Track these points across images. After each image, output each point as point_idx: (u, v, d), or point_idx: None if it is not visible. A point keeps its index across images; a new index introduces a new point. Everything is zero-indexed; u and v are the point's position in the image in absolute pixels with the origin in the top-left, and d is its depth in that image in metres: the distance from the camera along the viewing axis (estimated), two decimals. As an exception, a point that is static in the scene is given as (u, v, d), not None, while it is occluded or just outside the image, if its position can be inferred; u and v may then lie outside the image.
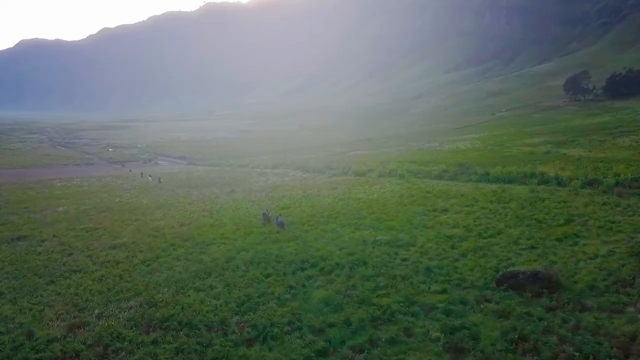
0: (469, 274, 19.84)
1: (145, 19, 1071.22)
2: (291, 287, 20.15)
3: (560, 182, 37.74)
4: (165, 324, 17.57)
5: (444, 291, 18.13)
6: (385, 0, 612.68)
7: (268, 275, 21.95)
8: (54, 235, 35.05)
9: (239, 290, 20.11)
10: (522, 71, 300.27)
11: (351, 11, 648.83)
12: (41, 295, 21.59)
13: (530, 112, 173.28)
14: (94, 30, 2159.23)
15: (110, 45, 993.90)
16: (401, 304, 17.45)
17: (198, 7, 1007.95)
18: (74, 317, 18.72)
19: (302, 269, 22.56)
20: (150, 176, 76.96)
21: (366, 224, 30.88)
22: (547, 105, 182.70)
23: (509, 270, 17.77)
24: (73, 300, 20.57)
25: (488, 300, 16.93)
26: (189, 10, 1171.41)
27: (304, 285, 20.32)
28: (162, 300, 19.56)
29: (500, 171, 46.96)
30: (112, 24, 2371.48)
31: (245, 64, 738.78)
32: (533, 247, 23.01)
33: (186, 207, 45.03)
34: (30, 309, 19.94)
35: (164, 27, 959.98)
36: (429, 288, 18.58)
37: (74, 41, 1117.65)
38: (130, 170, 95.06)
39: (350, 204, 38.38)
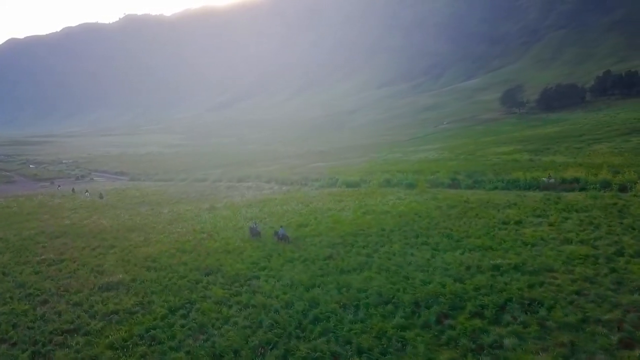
0: None
1: (58, 30, 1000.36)
2: (475, 352, 12.66)
3: (621, 188, 33.50)
4: None
5: None
6: (314, 15, 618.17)
7: (403, 328, 14.07)
8: (3, 273, 25.37)
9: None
10: (452, 86, 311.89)
11: (281, 26, 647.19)
12: (35, 386, 12.54)
13: (471, 124, 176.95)
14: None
15: (19, 57, 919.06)
16: None
17: (118, 19, 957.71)
18: None
19: (447, 316, 14.99)
20: (87, 192, 67.61)
21: (441, 243, 24.25)
22: (486, 118, 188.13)
23: None
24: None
25: None
26: (107, 22, 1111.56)
27: (492, 347, 12.65)
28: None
29: (524, 177, 42.84)
30: (20, 34, 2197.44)
31: (172, 78, 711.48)
32: None
33: (167, 228, 36.36)
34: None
35: (80, 38, 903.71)
36: None
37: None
38: (59, 187, 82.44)
39: (384, 219, 31.73)
